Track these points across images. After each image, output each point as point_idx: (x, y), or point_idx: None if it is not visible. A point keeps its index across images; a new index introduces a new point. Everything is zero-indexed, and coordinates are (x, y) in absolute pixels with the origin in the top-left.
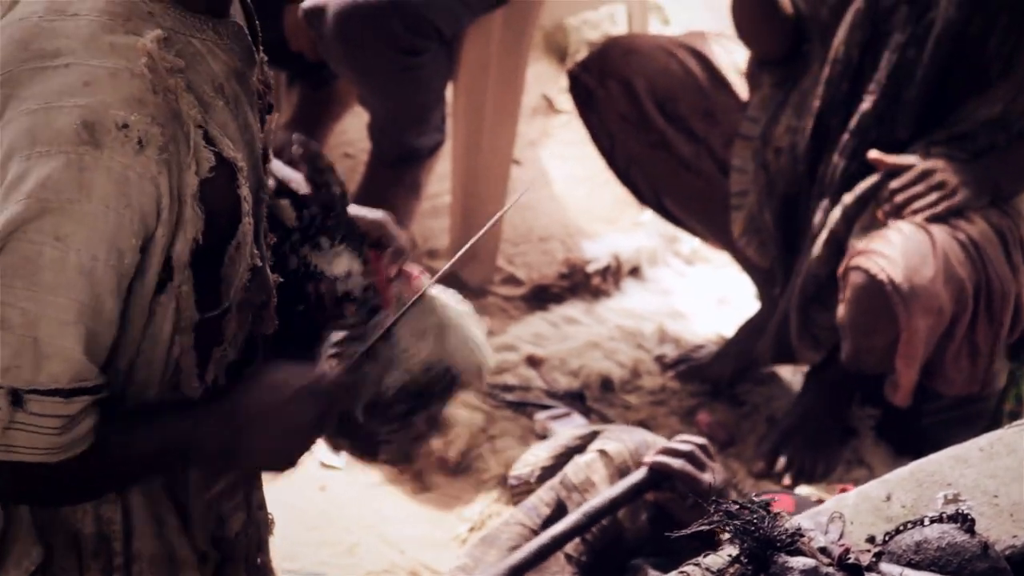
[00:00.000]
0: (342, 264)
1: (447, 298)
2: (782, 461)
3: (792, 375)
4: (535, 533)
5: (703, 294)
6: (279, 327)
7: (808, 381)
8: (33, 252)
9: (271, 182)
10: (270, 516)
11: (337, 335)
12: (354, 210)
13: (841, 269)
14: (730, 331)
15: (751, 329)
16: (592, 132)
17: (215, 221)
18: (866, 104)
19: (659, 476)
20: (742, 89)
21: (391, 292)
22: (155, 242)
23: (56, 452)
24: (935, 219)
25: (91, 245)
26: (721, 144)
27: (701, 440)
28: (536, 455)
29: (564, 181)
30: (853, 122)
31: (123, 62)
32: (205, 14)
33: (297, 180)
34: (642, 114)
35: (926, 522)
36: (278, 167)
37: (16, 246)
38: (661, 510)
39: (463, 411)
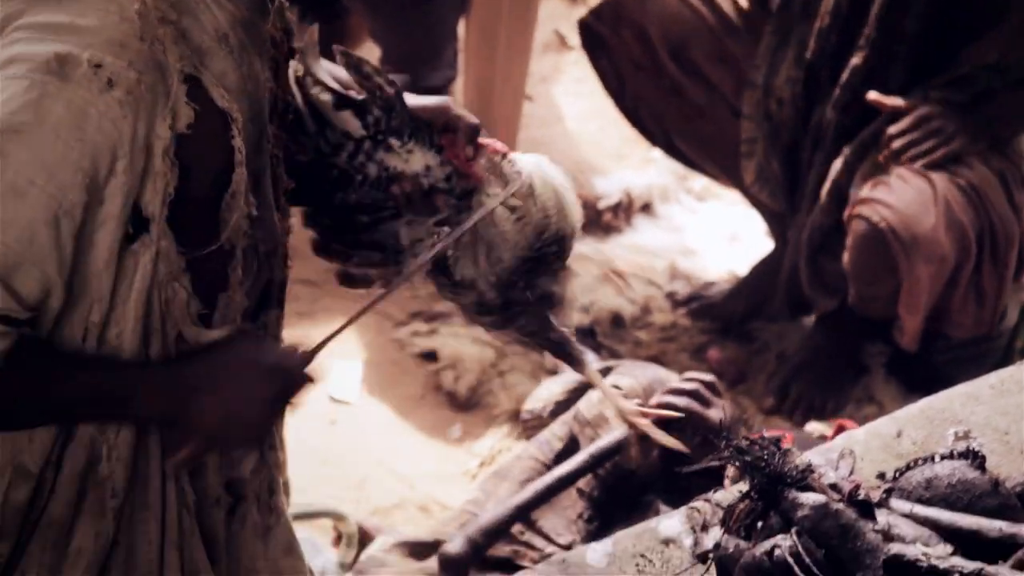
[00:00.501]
0: (418, 159)
1: (536, 161)
2: (792, 398)
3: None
4: (547, 468)
5: (714, 231)
6: (374, 236)
7: (819, 319)
8: None
9: (328, 96)
10: (282, 457)
11: (435, 229)
12: (412, 102)
13: (845, 216)
14: (741, 268)
15: (763, 267)
16: (602, 77)
17: (205, 171)
18: (856, 59)
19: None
20: (751, 36)
21: (477, 170)
22: (110, 187)
23: None
24: (934, 165)
25: (30, 168)
26: (733, 90)
27: (707, 377)
28: (549, 390)
29: (575, 118)
30: (844, 77)
31: (115, 5)
32: None
33: (353, 89)
34: (655, 61)
35: (936, 459)
36: (333, 80)
37: None
38: (672, 449)
39: (473, 347)
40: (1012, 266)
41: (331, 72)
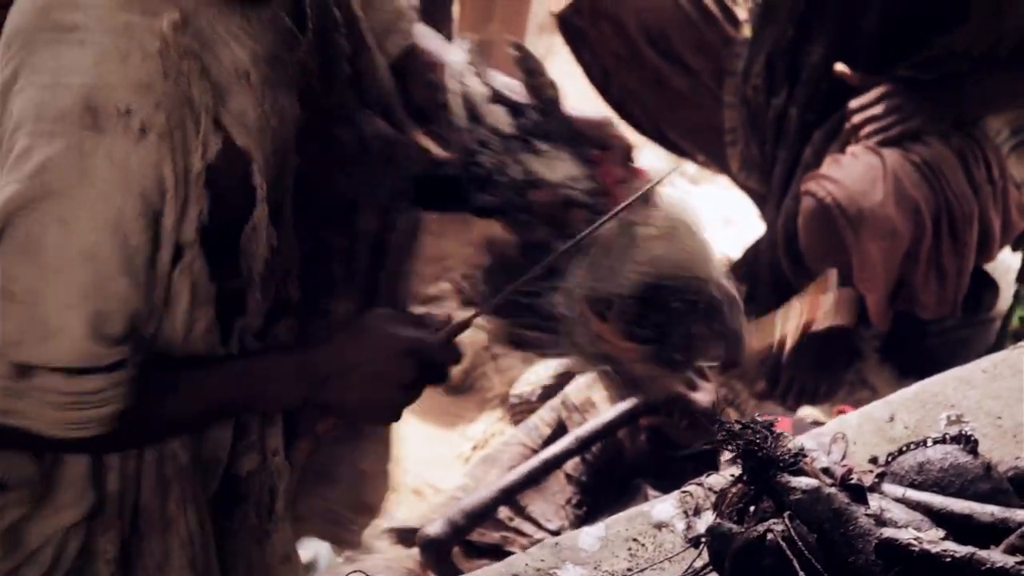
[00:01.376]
0: (562, 168)
1: (675, 197)
2: (784, 382)
3: None
4: (536, 453)
5: (709, 214)
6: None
7: None
8: (37, 233)
9: (485, 89)
10: (285, 464)
11: (558, 244)
12: (574, 112)
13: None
14: (736, 251)
15: (757, 250)
16: (587, 70)
17: (225, 202)
18: (814, 56)
19: (652, 404)
20: (729, 24)
21: (623, 192)
22: (164, 220)
23: (68, 428)
24: (889, 142)
25: (94, 229)
26: (715, 78)
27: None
28: (538, 374)
29: (572, 97)
30: (804, 73)
31: (136, 43)
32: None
33: (512, 86)
34: (636, 52)
35: (929, 443)
36: (493, 74)
37: (21, 224)
38: (659, 431)
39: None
40: (972, 245)
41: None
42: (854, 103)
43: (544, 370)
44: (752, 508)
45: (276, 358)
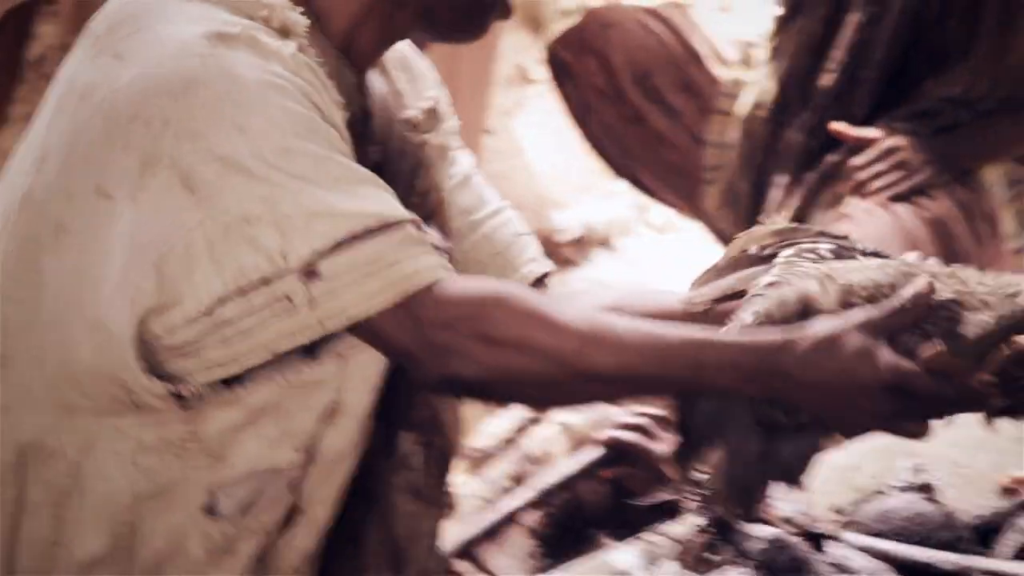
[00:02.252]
0: None
1: None
2: None
3: None
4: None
5: (674, 264)
6: None
7: None
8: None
9: None
10: None
11: None
12: None
13: None
14: None
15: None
16: (568, 104)
17: None
18: (825, 80)
19: (614, 452)
20: (715, 63)
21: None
22: None
23: (382, 293)
24: (898, 198)
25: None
26: (696, 118)
27: (655, 411)
28: (496, 426)
29: (537, 151)
30: (814, 100)
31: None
32: (344, 56)
33: None
34: (618, 89)
35: (891, 492)
36: None
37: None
38: (619, 482)
39: None
40: None
41: None
42: (858, 160)
43: (503, 422)
44: (715, 558)
45: (733, 346)
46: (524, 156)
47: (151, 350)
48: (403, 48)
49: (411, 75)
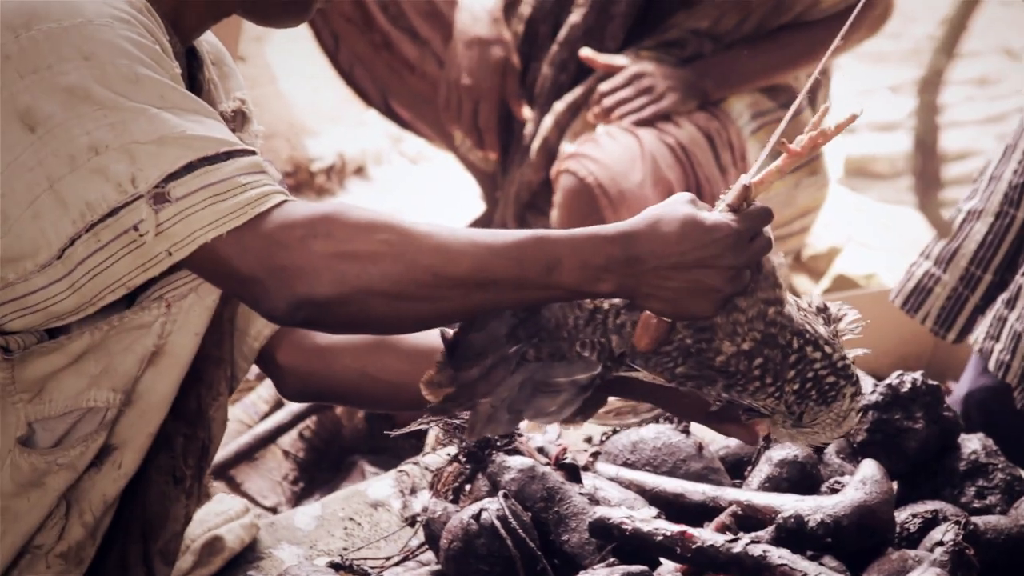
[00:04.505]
0: None
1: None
2: None
3: None
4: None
5: (428, 193)
6: None
7: None
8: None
9: None
10: None
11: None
12: None
13: (553, 173)
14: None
15: (474, 228)
16: (316, 33)
17: None
18: (575, 16)
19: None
20: None
21: None
22: None
23: (233, 215)
24: (643, 123)
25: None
26: (443, 47)
27: None
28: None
29: (289, 78)
30: (562, 34)
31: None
32: (171, 29)
33: None
34: (366, 15)
35: (643, 423)
36: None
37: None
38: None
39: None
40: None
41: None
42: (605, 86)
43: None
44: (467, 487)
45: (579, 236)
46: (277, 84)
47: None
48: (217, 43)
49: (222, 71)
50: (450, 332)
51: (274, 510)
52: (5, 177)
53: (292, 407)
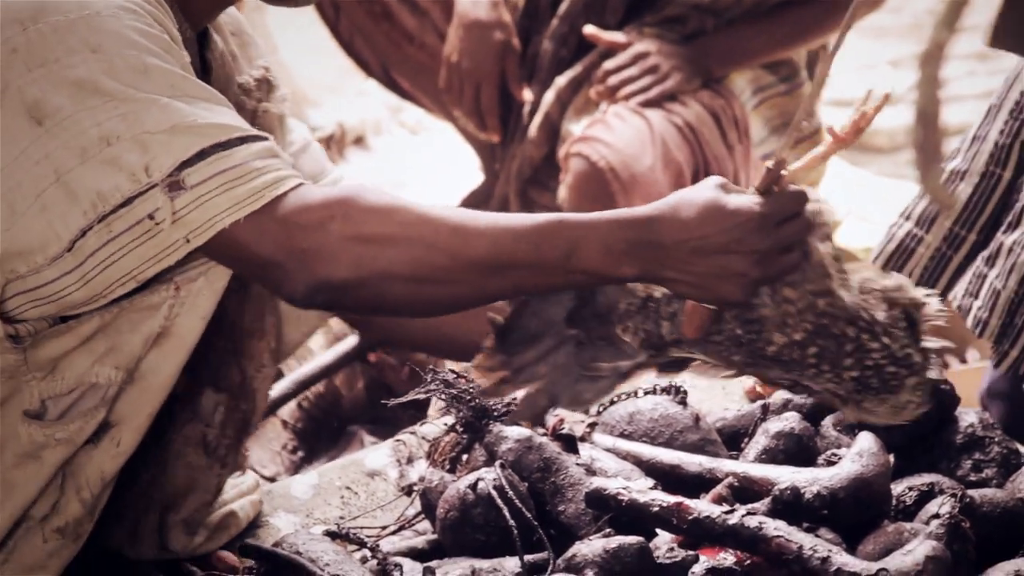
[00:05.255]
0: None
1: None
2: None
3: None
4: None
5: (428, 164)
6: None
7: None
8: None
9: None
10: None
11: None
12: None
13: (562, 153)
14: (453, 200)
15: (473, 199)
16: (317, 4)
17: None
18: None
19: (370, 345)
20: None
21: None
22: None
23: (250, 200)
24: (650, 103)
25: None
26: (443, 17)
27: None
28: None
29: (290, 48)
30: (563, 7)
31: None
32: (182, 13)
33: None
34: None
35: (639, 393)
36: None
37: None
38: (377, 379)
39: None
40: None
41: None
42: (609, 64)
43: None
44: (464, 457)
45: (600, 219)
46: (278, 54)
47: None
48: (235, 13)
49: (242, 40)
50: (499, 318)
51: (273, 480)
52: (11, 170)
53: (287, 380)
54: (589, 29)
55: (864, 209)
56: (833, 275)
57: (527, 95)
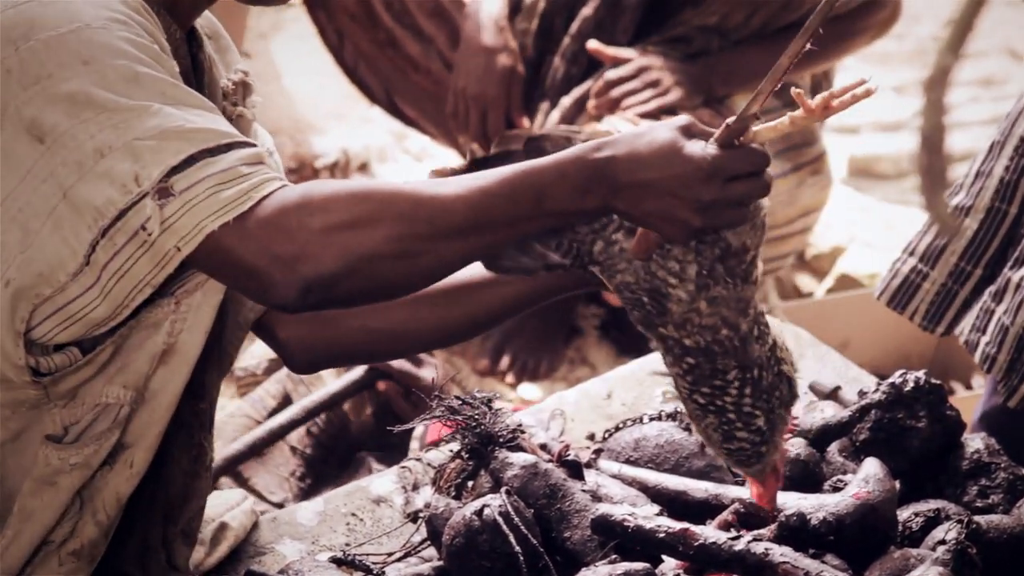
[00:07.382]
0: None
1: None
2: (506, 360)
3: None
4: (260, 425)
5: None
6: None
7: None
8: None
9: None
10: None
11: None
12: None
13: None
14: None
15: None
16: (321, 29)
17: None
18: (587, 9)
19: (378, 374)
20: None
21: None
22: None
23: (236, 203)
24: (648, 116)
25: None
26: (447, 44)
27: None
28: (264, 347)
29: (294, 74)
30: (575, 26)
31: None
32: (168, 13)
33: None
34: (370, 12)
35: (645, 420)
36: None
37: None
38: (385, 406)
39: None
40: None
41: None
42: (612, 75)
43: None
44: (470, 483)
45: (564, 160)
46: (282, 81)
47: (29, 321)
48: (211, 17)
49: (219, 44)
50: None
51: (281, 506)
52: (20, 191)
53: (297, 406)
54: (593, 44)
55: (868, 235)
56: (751, 315)
57: (529, 122)
